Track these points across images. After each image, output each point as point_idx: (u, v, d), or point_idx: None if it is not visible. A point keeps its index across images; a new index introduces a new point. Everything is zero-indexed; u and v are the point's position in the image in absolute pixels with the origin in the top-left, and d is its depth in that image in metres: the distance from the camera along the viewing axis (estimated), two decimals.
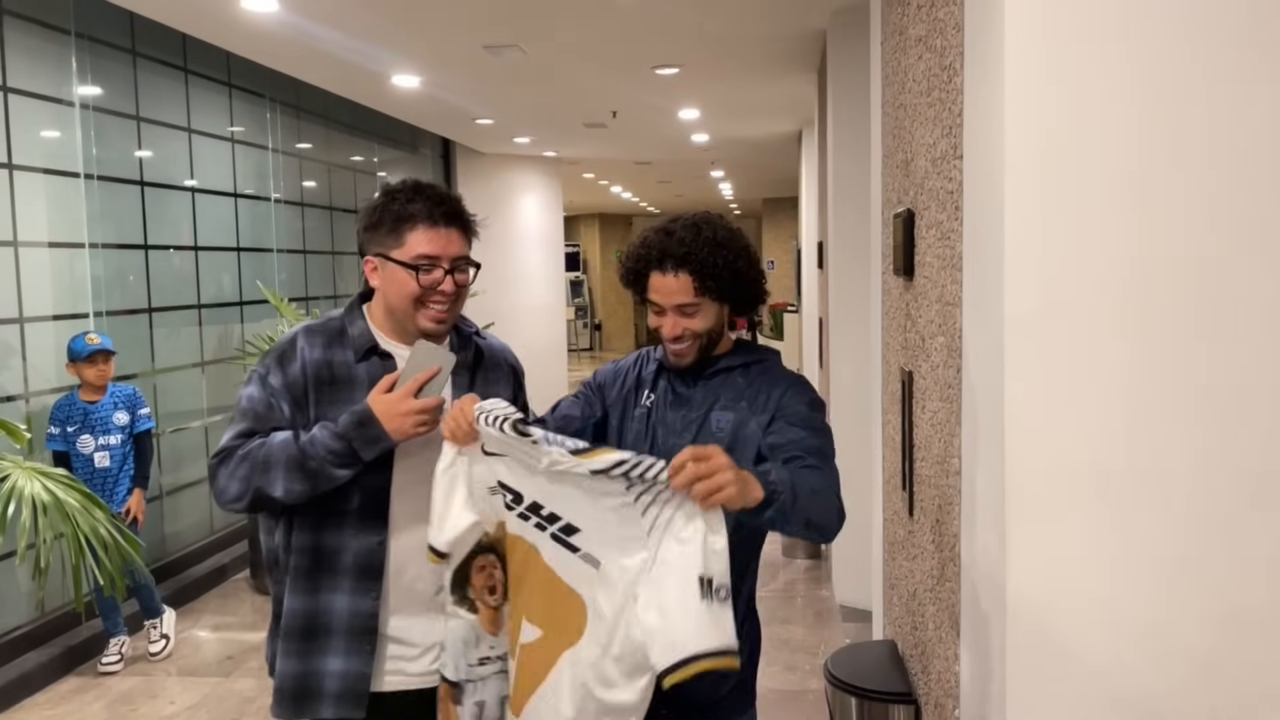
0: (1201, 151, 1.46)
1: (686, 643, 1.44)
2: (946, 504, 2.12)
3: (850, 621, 4.96)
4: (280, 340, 2.01)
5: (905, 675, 2.59)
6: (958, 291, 1.96)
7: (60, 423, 4.50)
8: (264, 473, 1.85)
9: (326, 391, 1.94)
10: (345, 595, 1.92)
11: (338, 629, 1.92)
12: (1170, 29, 1.46)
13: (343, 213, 8.34)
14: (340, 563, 1.93)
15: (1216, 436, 1.48)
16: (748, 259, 1.95)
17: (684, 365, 1.97)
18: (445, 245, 1.93)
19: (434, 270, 1.91)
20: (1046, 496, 1.53)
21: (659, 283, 1.92)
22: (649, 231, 1.97)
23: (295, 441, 1.86)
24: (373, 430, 1.84)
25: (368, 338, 1.98)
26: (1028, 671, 1.56)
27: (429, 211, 1.93)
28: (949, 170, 2.05)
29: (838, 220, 5.25)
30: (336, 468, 1.85)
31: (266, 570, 2.05)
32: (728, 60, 6.50)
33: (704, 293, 1.90)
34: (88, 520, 3.00)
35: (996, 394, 1.58)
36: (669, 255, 1.90)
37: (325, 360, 1.95)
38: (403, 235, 1.93)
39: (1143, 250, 1.48)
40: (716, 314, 1.95)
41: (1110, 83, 1.48)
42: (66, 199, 5.02)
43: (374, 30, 5.51)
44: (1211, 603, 1.50)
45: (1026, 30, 1.50)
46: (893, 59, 2.95)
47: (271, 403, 1.93)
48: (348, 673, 1.92)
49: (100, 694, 4.39)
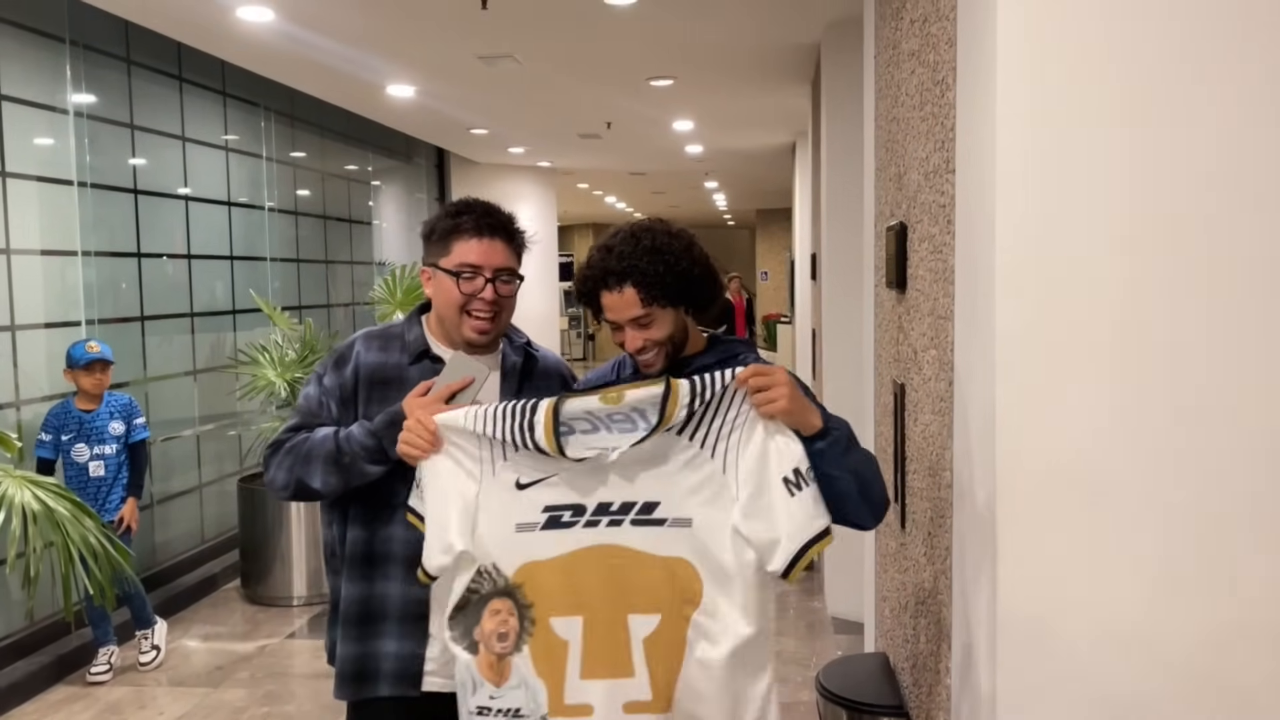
0: (1192, 167, 1.47)
1: (791, 540, 1.63)
2: (938, 516, 2.12)
3: (842, 634, 4.95)
4: (341, 343, 2.16)
5: (897, 688, 2.59)
6: (950, 305, 1.97)
7: (54, 430, 4.47)
8: (305, 465, 1.99)
9: (378, 391, 2.06)
10: (398, 583, 2.02)
11: (392, 614, 2.03)
12: (1161, 47, 1.47)
13: (336, 221, 8.35)
14: (392, 552, 2.03)
15: (1206, 450, 1.49)
16: (690, 259, 1.91)
17: (655, 372, 1.95)
18: (488, 255, 2.03)
19: (476, 278, 2.02)
20: (1037, 509, 1.54)
21: (608, 301, 1.91)
22: (592, 250, 1.96)
23: (334, 438, 1.99)
24: (400, 430, 1.89)
25: (422, 342, 2.11)
26: (1018, 684, 1.56)
27: (475, 223, 2.04)
28: (941, 184, 2.06)
29: (831, 232, 5.27)
30: (368, 463, 1.96)
31: (325, 561, 2.17)
32: (722, 72, 6.52)
33: (652, 302, 1.87)
34: (78, 529, 2.99)
35: (988, 407, 1.58)
36: (611, 272, 1.88)
37: (380, 362, 2.09)
38: (450, 245, 2.04)
39: (1132, 264, 1.49)
40: (674, 319, 1.93)
41: (1101, 100, 1.49)
42: (60, 206, 5.01)
43: (369, 40, 5.52)
44: (1202, 615, 1.50)
45: (1018, 46, 1.51)
46: (886, 73, 2.97)
47: (323, 400, 2.07)
48: (402, 654, 2.02)
49: (89, 704, 4.36)
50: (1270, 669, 1.49)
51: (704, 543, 1.67)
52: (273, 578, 5.68)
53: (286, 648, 5.06)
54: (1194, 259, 1.48)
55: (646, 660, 1.67)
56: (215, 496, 6.36)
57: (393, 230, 9.57)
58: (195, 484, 6.17)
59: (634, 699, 1.67)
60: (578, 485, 1.71)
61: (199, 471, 6.20)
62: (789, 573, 1.64)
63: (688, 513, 1.68)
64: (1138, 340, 1.49)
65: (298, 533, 5.65)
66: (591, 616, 1.69)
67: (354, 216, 8.74)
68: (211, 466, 6.34)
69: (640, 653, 1.67)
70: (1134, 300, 1.49)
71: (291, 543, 5.65)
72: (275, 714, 4.25)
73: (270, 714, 4.25)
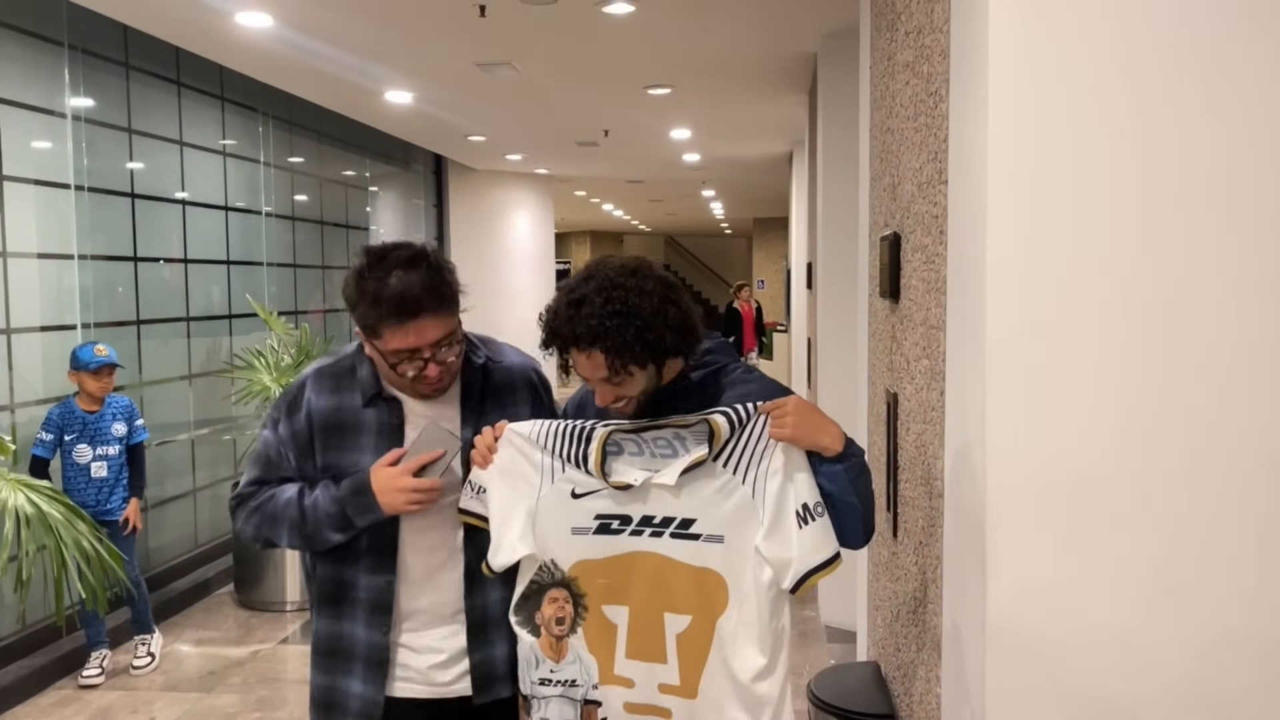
0: (1184, 179, 1.48)
1: (801, 564, 1.78)
2: (930, 525, 2.13)
3: (835, 642, 4.96)
4: (292, 384, 2.06)
5: (888, 696, 2.60)
6: (941, 315, 1.98)
7: (56, 429, 4.47)
8: (272, 526, 2.00)
9: (334, 437, 2.00)
10: (362, 627, 2.03)
11: (357, 655, 2.04)
12: (1154, 59, 1.48)
13: (334, 227, 8.36)
14: (356, 596, 2.03)
15: (1196, 459, 1.50)
16: (663, 320, 1.80)
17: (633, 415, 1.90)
18: (420, 336, 1.87)
19: (414, 359, 1.89)
20: (1027, 518, 1.54)
21: (578, 359, 1.84)
22: (560, 299, 1.86)
23: (299, 502, 1.97)
24: (366, 500, 1.91)
25: (373, 383, 2.00)
26: (1007, 692, 1.57)
27: (397, 310, 1.84)
28: (934, 195, 2.07)
29: (826, 242, 5.28)
30: (332, 531, 1.95)
31: (306, 586, 2.18)
32: (720, 81, 6.55)
33: (621, 369, 1.80)
34: (70, 533, 2.99)
35: (978, 417, 1.59)
36: (579, 336, 1.80)
37: (334, 406, 2.00)
38: (379, 331, 1.88)
39: (1123, 274, 1.50)
40: (648, 375, 1.85)
41: (1092, 111, 1.50)
42: (57, 210, 5.02)
43: (368, 47, 5.54)
44: (1193, 625, 1.51)
45: (1010, 59, 1.52)
46: (881, 84, 2.98)
47: (280, 450, 2.03)
48: (364, 696, 2.03)
49: (81, 708, 4.36)
50: (1258, 678, 1.50)
51: (733, 560, 1.82)
52: (266, 583, 5.68)
53: (280, 653, 5.06)
54: (1185, 270, 1.49)
55: (678, 653, 1.85)
56: (209, 501, 6.36)
57: (390, 237, 9.56)
58: (189, 488, 6.17)
59: (666, 682, 1.87)
60: (625, 500, 1.85)
61: (193, 476, 6.19)
62: (796, 589, 1.81)
63: (721, 531, 1.82)
64: (1127, 350, 1.50)
65: None
66: (634, 608, 1.87)
67: (351, 222, 8.75)
68: (206, 471, 6.34)
69: (673, 645, 1.85)
70: (1123, 310, 1.50)
71: (285, 550, 5.64)
72: (267, 719, 4.24)
73: (263, 719, 4.24)
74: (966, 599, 1.72)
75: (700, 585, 1.83)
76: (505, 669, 2.04)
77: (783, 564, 1.79)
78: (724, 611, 1.82)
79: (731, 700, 1.83)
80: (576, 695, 1.90)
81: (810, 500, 1.79)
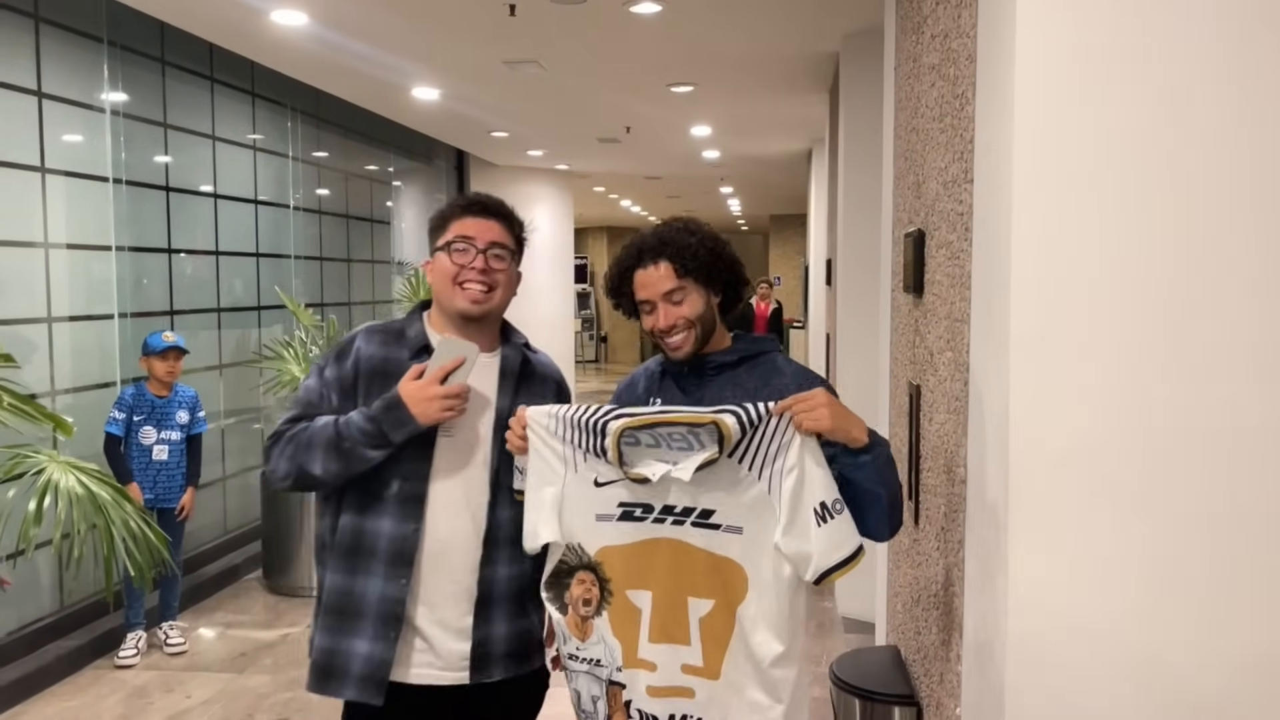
0: (1206, 177, 1.55)
1: (821, 561, 1.81)
2: (952, 512, 2.21)
3: (852, 633, 5.03)
4: (342, 337, 2.19)
5: (908, 679, 2.68)
6: (966, 309, 2.06)
7: (127, 409, 4.67)
8: (305, 452, 2.02)
9: (378, 383, 2.08)
10: (378, 580, 2.04)
11: (367, 613, 2.03)
12: (1177, 63, 1.55)
13: (358, 221, 8.47)
14: (377, 547, 2.05)
15: (1217, 448, 1.56)
16: (722, 244, 2.06)
17: (684, 357, 2.04)
18: (481, 230, 2.11)
19: (468, 250, 2.09)
20: (1049, 503, 1.61)
21: (642, 278, 2.02)
22: (624, 245, 2.11)
23: (334, 425, 2.02)
24: (400, 413, 1.97)
25: (422, 337, 2.14)
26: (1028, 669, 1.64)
27: (468, 204, 2.15)
28: (959, 193, 2.15)
29: (847, 238, 5.35)
30: (368, 448, 1.99)
31: (315, 555, 2.19)
32: (742, 79, 6.62)
33: (686, 274, 1.99)
34: (119, 513, 3.10)
35: (1002, 407, 1.67)
36: (646, 250, 2.02)
37: (381, 356, 2.12)
38: (448, 224, 2.14)
39: (1143, 270, 1.57)
40: (705, 301, 2.03)
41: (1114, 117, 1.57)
42: (95, 203, 5.14)
43: (398, 43, 5.63)
44: (1211, 604, 1.57)
45: (1036, 63, 1.59)
46: (906, 85, 3.06)
47: (323, 393, 2.10)
48: (371, 657, 2.02)
49: (116, 687, 4.48)
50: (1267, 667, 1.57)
51: (751, 551, 1.86)
52: (293, 569, 5.80)
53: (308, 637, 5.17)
54: (1205, 266, 1.55)
55: (700, 636, 1.90)
56: (238, 489, 6.48)
57: (411, 230, 9.69)
58: (219, 476, 6.29)
59: (689, 663, 1.91)
60: (646, 490, 1.90)
61: (223, 464, 6.32)
62: (818, 582, 1.85)
63: (740, 523, 1.86)
64: (1148, 342, 1.57)
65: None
66: (658, 593, 1.91)
67: (375, 216, 8.87)
68: (235, 459, 6.46)
69: (696, 629, 1.90)
70: (1144, 305, 1.57)
71: (313, 535, 5.76)
72: (299, 700, 4.35)
73: (294, 699, 4.36)
74: (988, 582, 1.80)
75: (721, 573, 1.88)
76: (501, 649, 2.09)
77: (802, 558, 1.83)
78: (743, 599, 1.87)
79: (752, 682, 1.87)
80: (602, 675, 1.95)
81: (828, 498, 1.82)
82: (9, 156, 4.55)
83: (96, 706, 4.28)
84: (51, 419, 2.84)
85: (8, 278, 4.54)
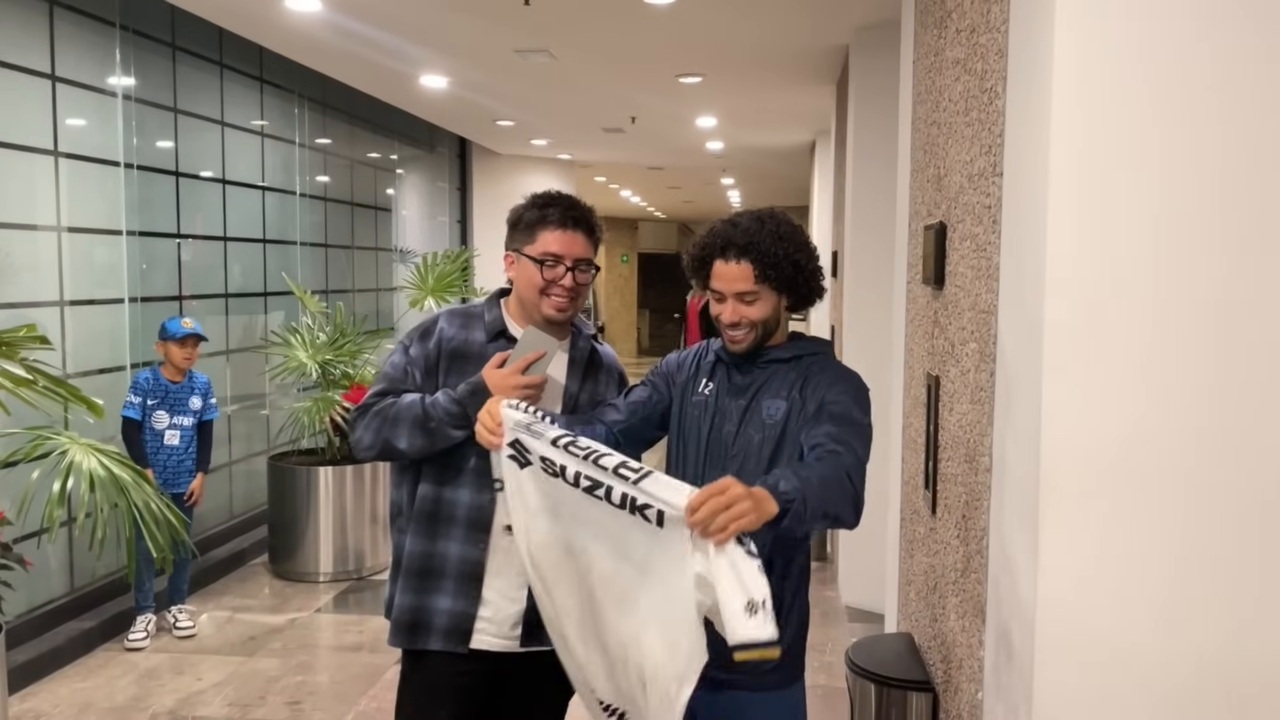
0: (1240, 172, 1.58)
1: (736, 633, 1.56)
2: (974, 500, 2.25)
3: (856, 622, 5.08)
4: (427, 319, 2.33)
5: (923, 665, 2.72)
6: (993, 300, 2.09)
7: (142, 393, 4.72)
8: (392, 427, 2.16)
9: (457, 364, 2.24)
10: (458, 543, 2.20)
11: (449, 572, 2.20)
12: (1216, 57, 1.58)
13: (362, 208, 8.47)
14: (456, 513, 2.21)
15: (1250, 440, 1.59)
16: (808, 254, 2.07)
17: (740, 351, 2.10)
18: (570, 246, 2.20)
19: (557, 267, 2.19)
20: (1080, 493, 1.65)
21: (721, 269, 2.05)
22: (715, 223, 2.11)
23: (421, 403, 2.17)
24: (483, 398, 2.08)
25: (500, 323, 2.30)
26: (1057, 654, 1.68)
27: (560, 216, 2.21)
28: (987, 186, 2.18)
29: (855, 230, 5.38)
30: (452, 428, 2.14)
31: (389, 520, 2.33)
32: (750, 71, 6.64)
33: (763, 280, 2.03)
34: (140, 494, 3.13)
35: (1034, 396, 1.70)
36: (732, 244, 2.04)
37: (462, 338, 2.28)
38: (535, 234, 2.21)
39: (1174, 262, 1.60)
40: (774, 305, 2.07)
41: (1151, 109, 1.60)
42: (107, 187, 5.14)
43: (410, 31, 5.64)
44: (1243, 598, 1.60)
45: (1073, 58, 1.62)
46: (926, 78, 3.08)
47: (408, 370, 2.25)
48: (454, 611, 2.19)
49: (127, 669, 4.51)
50: None
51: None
52: (300, 554, 5.83)
53: (316, 621, 5.21)
54: (1236, 259, 1.58)
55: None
56: (244, 474, 6.51)
57: (413, 218, 9.70)
58: (226, 461, 6.31)
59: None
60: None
61: (229, 448, 6.34)
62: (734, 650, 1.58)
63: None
64: (1183, 336, 1.60)
65: (325, 511, 5.80)
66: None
67: (378, 204, 8.87)
68: (241, 444, 6.48)
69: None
70: (1179, 298, 1.60)
71: (319, 521, 5.79)
72: (309, 683, 4.39)
73: (304, 682, 4.39)
74: (1015, 567, 1.83)
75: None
76: None
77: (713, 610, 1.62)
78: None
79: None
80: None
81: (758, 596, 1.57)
82: (23, 140, 4.55)
83: (109, 688, 4.30)
84: (84, 401, 2.87)
85: (21, 261, 4.55)
